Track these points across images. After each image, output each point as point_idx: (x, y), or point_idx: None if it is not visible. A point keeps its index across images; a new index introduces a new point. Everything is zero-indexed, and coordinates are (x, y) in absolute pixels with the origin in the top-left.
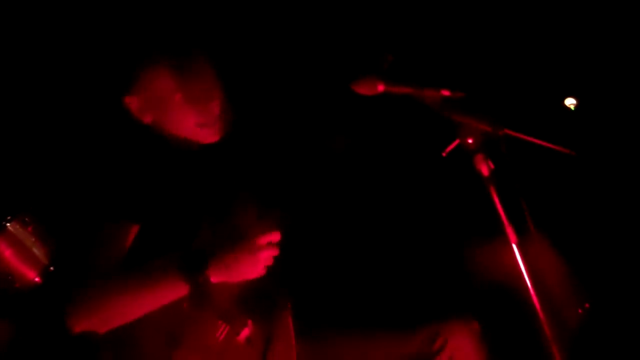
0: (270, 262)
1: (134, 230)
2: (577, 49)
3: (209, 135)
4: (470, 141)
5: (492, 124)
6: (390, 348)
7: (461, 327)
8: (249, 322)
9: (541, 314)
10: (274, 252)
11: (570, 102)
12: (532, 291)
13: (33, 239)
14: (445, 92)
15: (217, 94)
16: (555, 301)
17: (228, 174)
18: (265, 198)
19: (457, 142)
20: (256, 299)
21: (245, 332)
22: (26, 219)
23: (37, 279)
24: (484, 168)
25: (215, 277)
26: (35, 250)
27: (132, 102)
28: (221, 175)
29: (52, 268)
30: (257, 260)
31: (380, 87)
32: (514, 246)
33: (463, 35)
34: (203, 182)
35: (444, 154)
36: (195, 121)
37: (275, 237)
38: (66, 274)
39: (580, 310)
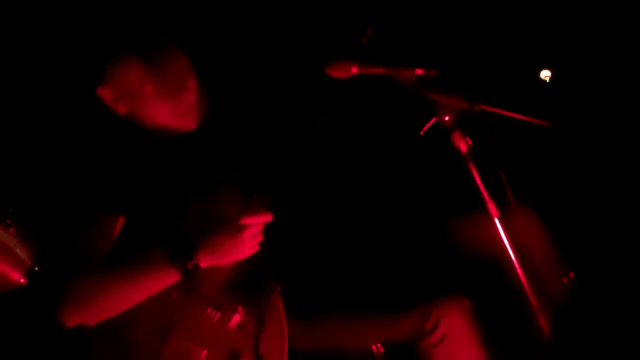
0: (256, 241)
1: (120, 221)
2: (549, 20)
3: (184, 124)
4: (447, 119)
5: (467, 100)
6: (383, 328)
7: (453, 306)
8: (239, 308)
9: (526, 286)
10: (258, 231)
11: (545, 74)
12: (516, 264)
13: (16, 241)
14: (419, 71)
15: (190, 83)
16: (539, 272)
17: (209, 159)
18: (248, 181)
19: (434, 120)
20: (245, 284)
21: (236, 318)
22: (7, 221)
23: (22, 280)
24: (462, 144)
25: (205, 261)
26: (19, 252)
27: (105, 94)
28: (202, 160)
29: (36, 268)
30: (242, 241)
31: (354, 69)
32: (496, 220)
33: (433, 12)
34: (185, 169)
35: (421, 133)
36: (169, 111)
37: (260, 217)
38: (54, 269)
39: (565, 280)
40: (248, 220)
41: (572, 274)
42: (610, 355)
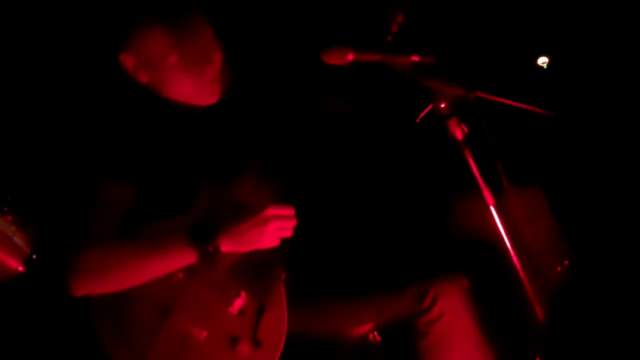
0: (279, 235)
1: (132, 191)
2: (546, 6)
3: (206, 98)
4: (443, 106)
5: (463, 87)
6: (380, 307)
7: (451, 284)
8: (243, 292)
9: (522, 273)
10: (283, 224)
11: (542, 60)
12: (511, 251)
13: (13, 228)
14: (415, 58)
15: (215, 55)
16: (535, 259)
17: (227, 138)
18: (265, 163)
19: (430, 107)
20: (251, 270)
21: (238, 303)
22: (5, 209)
23: (20, 268)
24: (458, 132)
25: (226, 246)
26: (17, 239)
27: (127, 60)
28: (220, 139)
29: (34, 256)
30: (267, 232)
31: (350, 56)
32: (492, 208)
33: None
34: (201, 146)
35: (417, 120)
36: (191, 83)
37: (287, 210)
38: (67, 235)
39: (559, 268)
40: (275, 212)
41: (566, 262)
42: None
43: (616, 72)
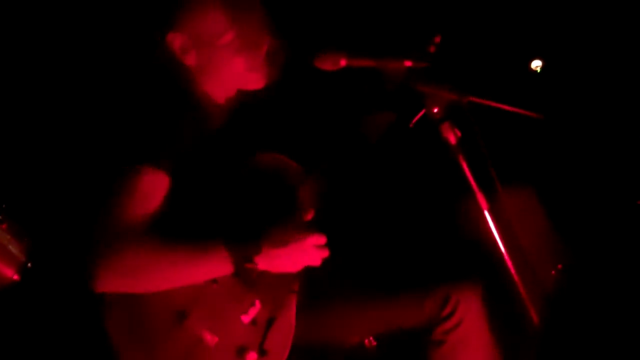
0: (312, 262)
1: (168, 184)
2: (540, 9)
3: (256, 81)
4: (436, 110)
5: (456, 92)
6: (400, 316)
7: (470, 289)
8: (257, 302)
9: (516, 277)
10: (320, 253)
11: (536, 64)
12: (505, 255)
13: (8, 237)
14: (408, 63)
15: (268, 36)
16: (530, 263)
17: (264, 132)
18: (301, 161)
19: (423, 112)
20: (267, 281)
21: (252, 312)
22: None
23: (15, 277)
24: (451, 136)
25: (263, 266)
26: (12, 248)
27: (175, 40)
28: (256, 133)
29: (29, 264)
30: (304, 261)
31: (343, 62)
32: (486, 213)
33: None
34: (236, 142)
35: (410, 125)
36: (244, 64)
37: (324, 238)
38: (98, 226)
39: (553, 272)
40: (317, 241)
41: (560, 266)
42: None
43: (610, 75)
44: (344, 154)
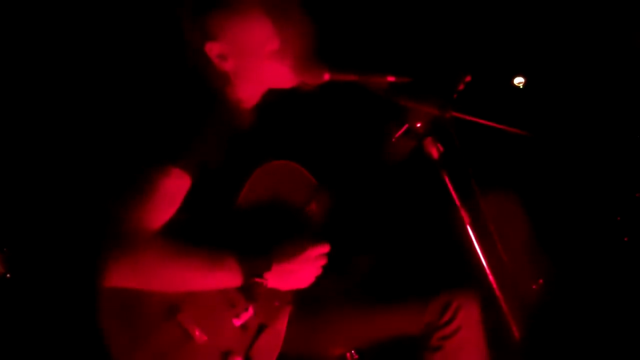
0: (318, 272)
1: (188, 185)
2: (522, 27)
3: (291, 80)
4: (418, 125)
5: (439, 107)
6: (402, 323)
7: (472, 297)
8: (251, 308)
9: (498, 291)
10: (323, 261)
11: (518, 80)
12: (487, 269)
13: None
14: (391, 78)
15: (309, 37)
16: (512, 277)
17: (275, 145)
18: (313, 170)
19: (406, 126)
20: (266, 290)
21: (244, 317)
22: None
23: None
24: (434, 151)
25: (272, 283)
26: None
27: (214, 49)
28: (269, 146)
29: (8, 275)
30: (313, 271)
31: (327, 76)
32: (468, 227)
33: (406, 19)
34: (251, 150)
35: (393, 140)
36: (287, 69)
37: (327, 246)
38: (117, 220)
39: (534, 287)
40: (321, 250)
41: (541, 281)
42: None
43: (591, 91)
44: (360, 173)
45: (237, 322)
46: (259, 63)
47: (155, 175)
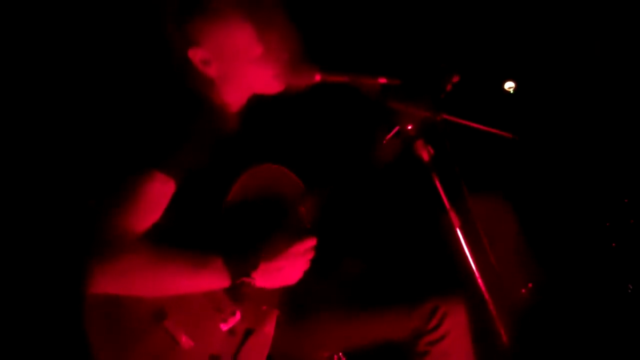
0: (307, 266)
1: (172, 191)
2: (514, 31)
3: (277, 86)
4: (409, 127)
5: (430, 110)
6: (388, 328)
7: (459, 303)
8: (238, 312)
9: (486, 294)
10: (311, 255)
11: (509, 85)
12: (476, 272)
13: None
14: (382, 80)
15: (293, 43)
16: (501, 280)
17: (263, 148)
18: (301, 172)
19: (396, 129)
20: (252, 293)
21: (231, 322)
22: None
23: None
24: (424, 153)
25: (260, 282)
26: None
27: (197, 54)
28: (256, 149)
29: None
30: (301, 269)
31: (317, 77)
32: (458, 230)
33: (397, 21)
34: (238, 153)
35: (384, 142)
36: (272, 73)
37: (314, 240)
38: (100, 225)
39: (523, 291)
40: (310, 243)
41: (530, 285)
42: None
43: (581, 96)
44: (349, 175)
45: (225, 327)
46: (242, 68)
47: (139, 180)
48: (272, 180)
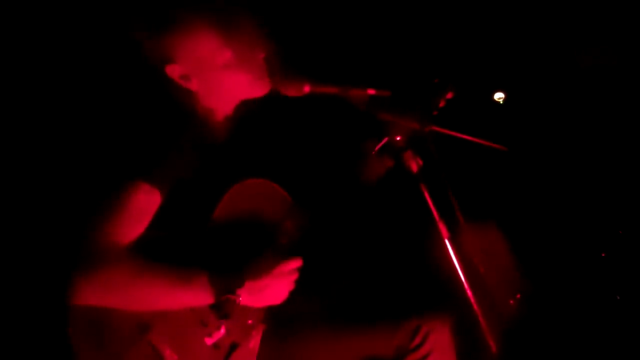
0: (292, 287)
1: (158, 202)
2: (503, 42)
3: (260, 88)
4: (398, 139)
5: (419, 121)
6: (371, 346)
7: (443, 321)
8: (223, 327)
9: (475, 305)
10: (295, 276)
11: (498, 96)
12: (465, 285)
13: None
14: (371, 91)
15: (264, 42)
16: (490, 293)
17: (250, 160)
18: (286, 185)
19: (385, 140)
20: (238, 308)
21: (216, 336)
22: None
23: None
24: (413, 165)
25: (245, 300)
26: None
27: (175, 71)
28: (244, 160)
29: None
30: (286, 289)
31: (307, 88)
32: (446, 241)
33: (387, 32)
34: (226, 164)
35: (373, 153)
36: (246, 76)
37: (299, 261)
38: (85, 237)
39: (511, 302)
40: (294, 265)
41: (518, 295)
42: None
43: (572, 108)
44: (337, 192)
45: (210, 341)
46: (218, 76)
47: (123, 191)
48: (259, 196)
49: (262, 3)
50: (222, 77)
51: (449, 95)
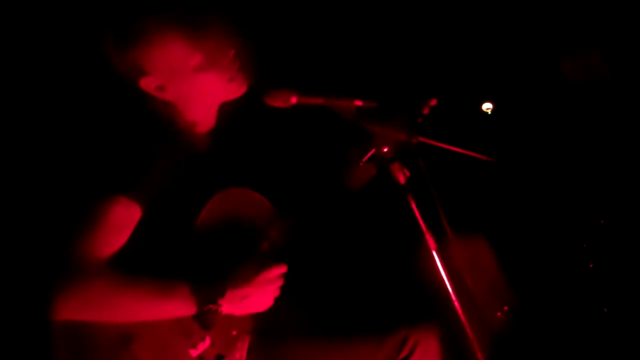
0: (276, 294)
1: (138, 217)
2: (491, 53)
3: (236, 89)
4: (385, 150)
5: (406, 132)
6: (358, 357)
7: (430, 332)
8: (208, 338)
9: (462, 317)
10: (280, 282)
11: (487, 106)
12: (453, 296)
13: None
14: (359, 102)
15: (234, 41)
16: (478, 305)
17: (237, 163)
18: (270, 193)
19: (372, 151)
20: (222, 319)
21: (201, 347)
22: None
23: None
24: (401, 176)
25: (227, 309)
26: None
27: (150, 84)
28: (229, 164)
29: None
30: (269, 296)
31: (294, 99)
32: (434, 253)
33: (373, 43)
34: (208, 175)
35: (360, 164)
36: (220, 77)
37: (284, 267)
38: (64, 253)
39: (499, 314)
40: (278, 271)
41: (506, 308)
42: None
43: (560, 118)
44: (320, 201)
45: (194, 353)
46: (191, 80)
47: (102, 205)
48: (242, 205)
49: (231, 4)
50: (195, 81)
51: (433, 102)
